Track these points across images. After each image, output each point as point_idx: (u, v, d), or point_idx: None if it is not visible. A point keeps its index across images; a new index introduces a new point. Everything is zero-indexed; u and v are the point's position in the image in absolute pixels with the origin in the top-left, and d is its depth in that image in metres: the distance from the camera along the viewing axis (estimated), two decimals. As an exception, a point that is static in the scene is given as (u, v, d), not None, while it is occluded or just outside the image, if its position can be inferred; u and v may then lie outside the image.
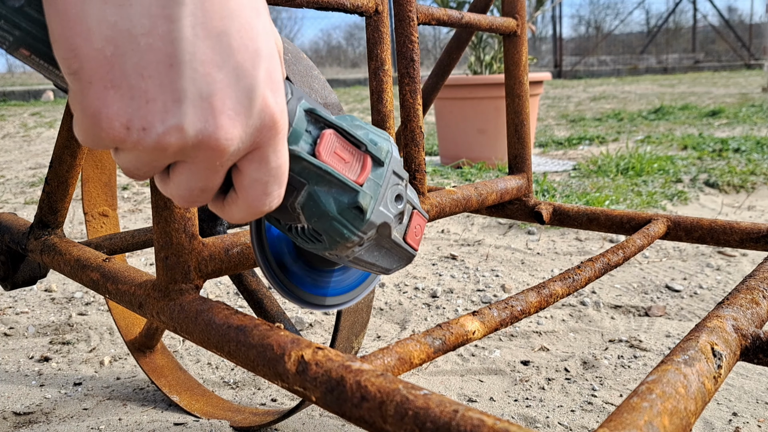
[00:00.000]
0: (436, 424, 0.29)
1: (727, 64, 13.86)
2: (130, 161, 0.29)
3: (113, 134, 0.26)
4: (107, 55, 0.25)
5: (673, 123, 4.40)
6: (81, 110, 0.26)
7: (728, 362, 0.38)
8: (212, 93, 0.27)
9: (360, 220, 0.36)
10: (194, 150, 0.28)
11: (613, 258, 0.59)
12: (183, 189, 0.31)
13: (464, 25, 0.70)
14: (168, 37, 0.25)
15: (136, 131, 0.26)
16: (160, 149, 0.27)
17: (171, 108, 0.26)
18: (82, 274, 0.56)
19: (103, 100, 0.26)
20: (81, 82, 0.25)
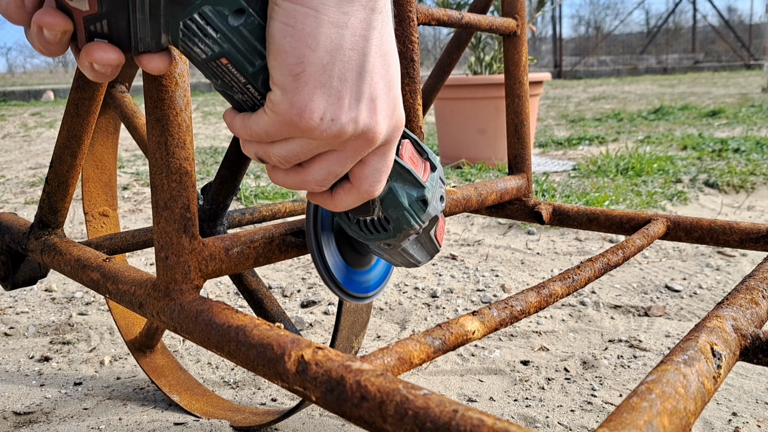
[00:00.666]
0: (435, 424, 0.29)
1: (726, 65, 13.85)
2: (293, 149, 0.36)
3: (310, 123, 0.34)
4: (324, 63, 0.33)
5: (672, 123, 4.40)
6: (290, 103, 0.34)
7: (728, 362, 0.38)
8: (377, 96, 0.35)
9: (423, 211, 0.44)
10: (355, 139, 0.36)
11: (613, 258, 0.59)
12: (323, 174, 0.38)
13: (464, 25, 0.70)
14: (362, 51, 0.34)
15: (327, 121, 0.34)
16: (337, 136, 0.35)
17: (353, 105, 0.35)
18: (82, 274, 0.56)
19: (311, 96, 0.33)
20: (298, 82, 0.33)
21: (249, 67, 0.35)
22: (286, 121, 0.34)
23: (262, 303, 0.79)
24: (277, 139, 0.36)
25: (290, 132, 0.35)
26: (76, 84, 0.63)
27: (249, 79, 0.35)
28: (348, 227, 0.47)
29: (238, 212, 0.95)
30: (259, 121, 0.36)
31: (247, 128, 0.37)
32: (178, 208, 0.46)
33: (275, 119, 0.35)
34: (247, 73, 0.35)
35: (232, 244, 0.49)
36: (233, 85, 0.36)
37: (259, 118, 0.36)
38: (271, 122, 0.35)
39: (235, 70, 0.35)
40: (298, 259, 1.68)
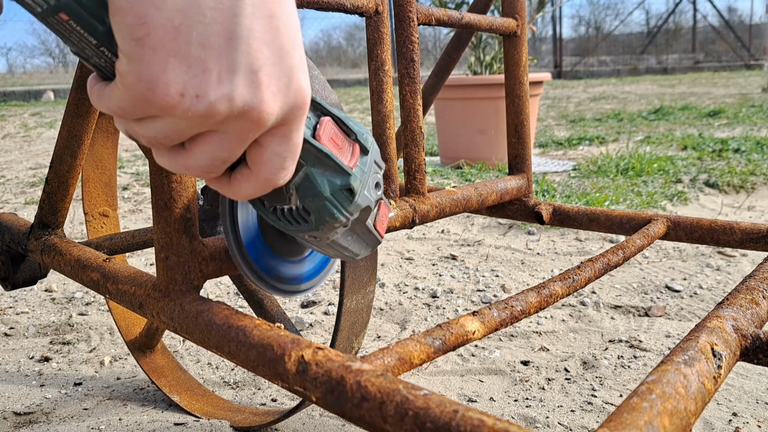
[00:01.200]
0: (436, 424, 0.29)
1: (726, 65, 13.85)
2: (161, 129, 0.30)
3: (167, 100, 0.28)
4: (175, 25, 0.27)
5: (673, 123, 4.40)
6: (136, 75, 0.28)
7: (728, 362, 0.38)
8: (260, 68, 0.29)
9: (349, 201, 0.39)
10: (235, 120, 0.30)
11: (613, 258, 0.59)
12: (205, 159, 0.32)
13: (464, 25, 0.70)
14: (231, 12, 0.27)
15: (190, 98, 0.28)
16: (207, 116, 0.29)
17: (224, 78, 0.28)
18: (82, 274, 0.56)
19: (164, 66, 0.27)
20: (143, 48, 0.27)
21: (99, 25, 0.29)
22: (137, 96, 0.28)
23: (262, 303, 0.79)
24: (135, 116, 0.30)
25: (147, 109, 0.29)
26: (76, 84, 0.63)
27: (101, 40, 0.29)
28: (265, 215, 0.41)
29: (238, 212, 0.95)
30: (111, 94, 0.30)
31: (102, 101, 0.31)
32: (179, 208, 0.46)
33: (126, 94, 0.29)
34: (97, 33, 0.29)
35: (232, 245, 0.49)
36: (85, 48, 0.30)
37: (112, 91, 0.30)
38: (123, 97, 0.29)
39: (81, 29, 0.29)
40: (299, 259, 1.68)
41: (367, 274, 0.77)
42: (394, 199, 0.64)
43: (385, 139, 0.64)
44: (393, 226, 0.61)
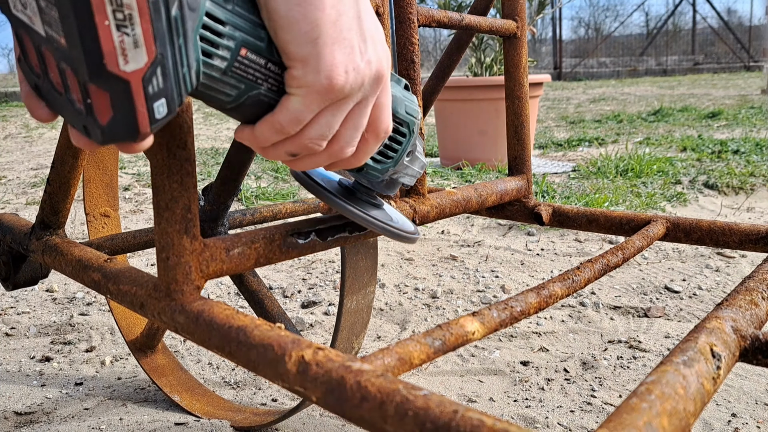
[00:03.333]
0: (436, 425, 0.29)
1: (726, 66, 13.86)
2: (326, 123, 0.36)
3: (339, 81, 0.34)
4: (333, 20, 0.33)
5: (672, 125, 4.40)
6: (315, 70, 0.34)
7: (727, 363, 0.38)
8: (373, 34, 0.36)
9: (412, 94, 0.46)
10: (371, 82, 0.36)
11: (613, 259, 0.59)
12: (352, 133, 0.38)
13: (464, 27, 0.70)
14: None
15: (351, 72, 0.34)
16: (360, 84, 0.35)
17: (362, 49, 0.35)
18: (83, 274, 0.56)
19: (333, 55, 0.34)
20: (318, 46, 0.33)
21: (260, 42, 0.34)
22: (317, 90, 0.34)
23: (262, 303, 0.80)
24: (308, 120, 0.36)
25: (322, 101, 0.35)
26: (77, 85, 0.63)
27: (266, 56, 0.34)
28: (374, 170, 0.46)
29: (239, 213, 0.95)
30: (287, 108, 0.35)
31: (276, 125, 0.36)
32: (179, 208, 0.46)
33: (306, 93, 0.34)
34: (263, 50, 0.34)
35: (233, 245, 0.50)
36: (257, 77, 0.34)
37: (288, 105, 0.35)
38: (302, 100, 0.35)
39: (254, 55, 0.34)
40: (299, 259, 1.68)
41: (367, 274, 0.77)
42: (394, 199, 0.64)
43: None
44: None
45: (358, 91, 0.36)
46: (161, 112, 0.30)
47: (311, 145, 0.37)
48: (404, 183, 0.51)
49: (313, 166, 0.39)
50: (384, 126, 0.40)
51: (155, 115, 0.30)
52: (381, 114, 0.39)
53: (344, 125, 0.38)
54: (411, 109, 0.45)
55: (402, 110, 0.45)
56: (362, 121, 0.38)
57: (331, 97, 0.35)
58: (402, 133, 0.46)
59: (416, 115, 0.46)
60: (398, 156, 0.46)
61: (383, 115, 0.40)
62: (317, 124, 0.36)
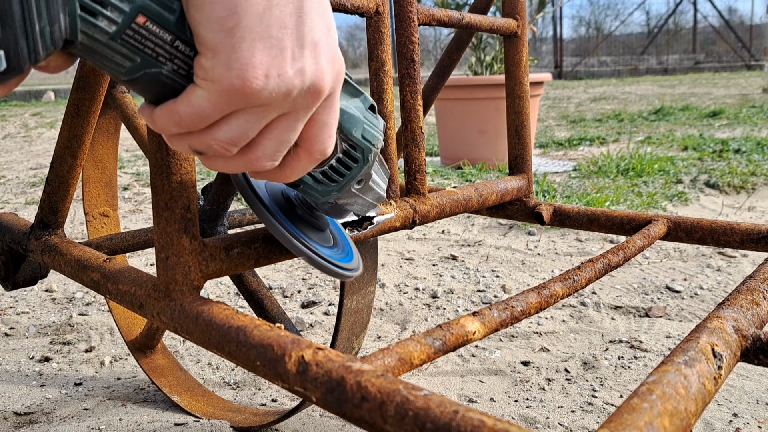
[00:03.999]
0: (436, 425, 0.29)
1: (727, 65, 13.85)
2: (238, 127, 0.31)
3: (255, 85, 0.29)
4: (260, 11, 0.28)
5: (673, 124, 4.40)
6: (226, 65, 0.29)
7: (728, 363, 0.38)
8: (318, 41, 0.31)
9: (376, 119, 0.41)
10: (303, 95, 0.31)
11: (614, 259, 0.59)
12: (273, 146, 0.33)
13: (465, 25, 0.70)
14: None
15: (273, 79, 0.29)
16: (286, 95, 0.30)
17: (297, 54, 0.30)
18: (82, 274, 0.56)
19: (252, 52, 0.28)
20: (233, 37, 0.28)
21: (169, 15, 0.28)
22: (226, 88, 0.29)
23: (262, 303, 0.79)
24: (215, 119, 0.31)
25: (232, 102, 0.30)
26: (76, 84, 0.63)
27: (174, 31, 0.29)
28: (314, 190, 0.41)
29: (239, 213, 0.95)
30: (190, 100, 0.30)
31: (175, 115, 0.31)
32: (179, 208, 0.46)
33: (212, 90, 0.29)
34: (170, 24, 0.29)
35: (232, 245, 0.49)
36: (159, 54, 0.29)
37: (191, 97, 0.30)
38: (208, 96, 0.30)
39: (156, 26, 0.28)
40: (299, 259, 1.68)
41: (367, 274, 0.77)
42: (394, 199, 0.64)
43: (385, 139, 0.64)
44: (393, 226, 0.61)
45: (283, 101, 0.31)
46: None
47: (217, 147, 0.32)
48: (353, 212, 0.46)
49: (226, 169, 0.34)
50: (320, 147, 0.35)
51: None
52: (319, 132, 0.34)
53: (265, 134, 0.32)
54: (369, 134, 0.40)
55: (357, 133, 0.39)
56: (288, 135, 0.33)
57: (243, 100, 0.30)
58: (353, 157, 0.40)
59: (374, 141, 0.41)
60: (344, 181, 0.41)
61: (321, 135, 0.34)
62: (228, 126, 0.31)
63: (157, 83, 0.30)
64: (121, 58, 0.29)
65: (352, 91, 0.39)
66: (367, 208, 0.46)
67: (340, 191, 0.42)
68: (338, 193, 0.42)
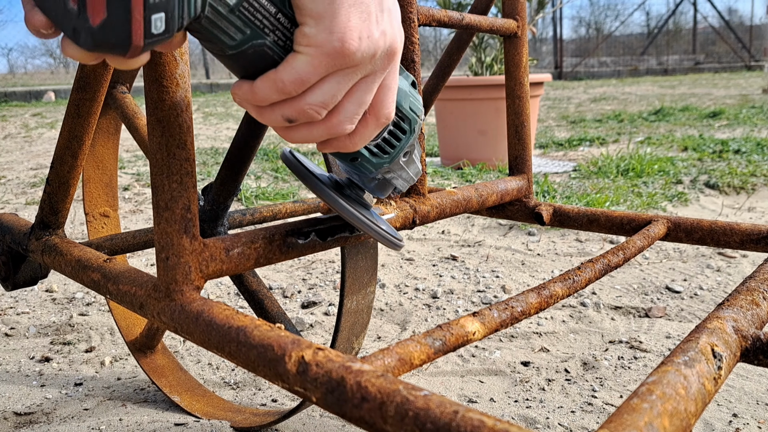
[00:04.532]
0: (436, 425, 0.29)
1: (727, 66, 13.85)
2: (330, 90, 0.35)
3: (351, 46, 0.33)
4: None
5: (673, 124, 4.40)
6: (329, 30, 0.32)
7: (728, 363, 0.38)
8: (391, 7, 0.35)
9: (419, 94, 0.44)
10: (383, 57, 0.35)
11: (614, 259, 0.59)
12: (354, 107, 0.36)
13: (465, 26, 0.70)
14: None
15: (365, 40, 0.33)
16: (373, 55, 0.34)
17: (379, 18, 0.34)
18: (83, 274, 0.56)
19: (348, 17, 0.32)
20: (334, 5, 0.32)
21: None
22: (327, 51, 0.33)
23: (262, 304, 0.79)
24: (311, 83, 0.34)
25: (331, 65, 0.33)
26: (77, 85, 0.63)
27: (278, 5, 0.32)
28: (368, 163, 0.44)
29: (239, 213, 0.95)
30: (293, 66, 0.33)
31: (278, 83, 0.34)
32: (179, 208, 0.46)
33: (315, 54, 0.33)
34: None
35: (232, 245, 0.49)
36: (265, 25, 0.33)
37: (294, 63, 0.33)
38: (310, 60, 0.33)
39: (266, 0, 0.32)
40: (299, 259, 1.68)
41: (367, 274, 0.77)
42: (394, 199, 0.64)
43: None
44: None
45: (369, 62, 0.34)
46: (158, 27, 0.28)
47: (310, 112, 0.35)
48: (396, 186, 0.49)
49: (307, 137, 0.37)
50: (386, 110, 0.38)
51: (151, 29, 0.27)
52: (385, 97, 0.38)
53: (348, 97, 0.36)
54: (415, 107, 0.44)
55: (406, 105, 0.43)
56: (367, 97, 0.36)
57: (340, 62, 0.33)
58: (403, 129, 0.44)
59: (420, 114, 0.44)
60: (395, 152, 0.44)
61: (387, 99, 0.38)
62: (321, 90, 0.34)
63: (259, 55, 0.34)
64: (234, 30, 0.32)
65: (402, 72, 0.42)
66: (408, 182, 0.49)
67: (391, 162, 0.45)
68: (389, 165, 0.45)
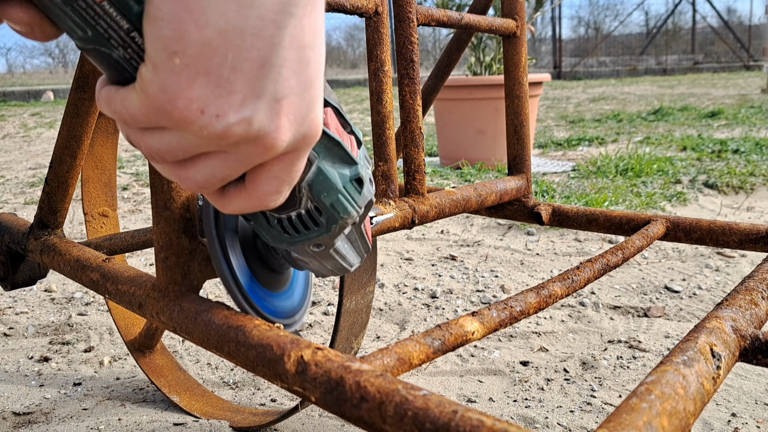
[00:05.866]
0: (435, 425, 0.29)
1: (726, 66, 13.86)
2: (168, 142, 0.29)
3: (185, 115, 0.27)
4: (213, 46, 0.26)
5: (672, 124, 4.40)
6: (160, 86, 0.27)
7: (727, 363, 0.38)
8: (284, 97, 0.29)
9: (358, 193, 0.38)
10: (247, 144, 0.29)
11: (613, 259, 0.59)
12: (204, 175, 0.31)
13: (464, 26, 0.70)
14: (269, 41, 0.27)
15: (209, 116, 0.27)
16: (221, 137, 0.28)
17: (248, 102, 0.28)
18: (82, 274, 0.56)
19: (191, 83, 0.27)
20: (174, 62, 0.26)
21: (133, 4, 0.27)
22: (156, 106, 0.28)
23: (261, 303, 0.79)
24: (148, 126, 0.29)
25: (161, 120, 0.28)
26: (76, 84, 0.63)
27: (134, 23, 0.27)
28: (266, 232, 0.39)
29: (238, 213, 0.94)
30: (126, 99, 0.29)
31: (113, 105, 0.30)
32: (178, 208, 0.46)
33: (144, 101, 0.28)
34: (131, 15, 0.27)
35: (231, 245, 0.49)
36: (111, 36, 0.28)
37: (128, 96, 0.29)
38: (140, 104, 0.28)
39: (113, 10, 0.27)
40: (298, 259, 1.68)
41: (366, 274, 0.77)
42: (393, 199, 0.64)
43: (384, 139, 0.64)
44: (392, 226, 0.61)
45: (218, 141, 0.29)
46: None
47: (145, 151, 0.31)
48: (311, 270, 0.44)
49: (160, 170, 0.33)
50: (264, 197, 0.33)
51: None
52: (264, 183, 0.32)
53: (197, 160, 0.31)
54: (341, 206, 0.37)
55: (327, 200, 0.37)
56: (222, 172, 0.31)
57: (171, 123, 0.28)
58: (315, 220, 0.38)
59: (344, 213, 0.37)
60: (298, 238, 0.39)
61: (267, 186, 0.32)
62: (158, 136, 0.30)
63: (107, 63, 0.29)
64: (73, 24, 0.28)
65: (344, 157, 0.37)
66: (326, 272, 0.43)
67: (292, 246, 0.39)
68: (289, 246, 0.40)
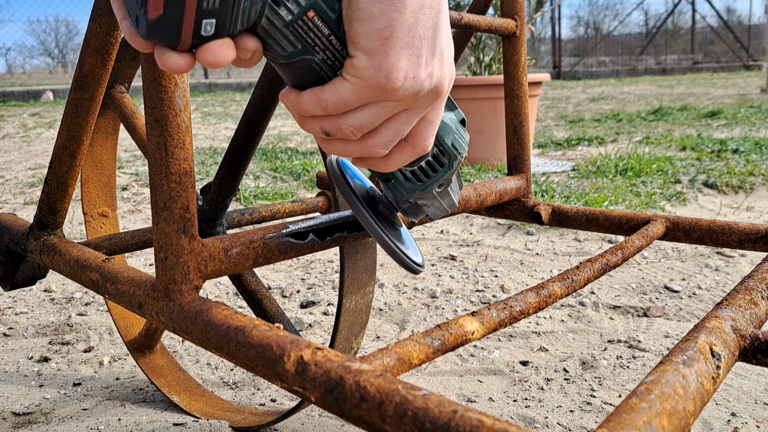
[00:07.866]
0: (435, 425, 0.29)
1: (725, 65, 13.86)
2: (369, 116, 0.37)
3: (395, 84, 0.35)
4: (409, 24, 0.34)
5: (671, 124, 4.40)
6: (376, 67, 0.34)
7: (727, 363, 0.38)
8: (444, 50, 0.37)
9: (465, 132, 0.46)
10: (427, 95, 0.37)
11: (612, 258, 0.59)
12: (390, 136, 0.38)
13: (463, 26, 0.70)
14: (437, 9, 0.35)
15: (409, 80, 0.35)
16: (416, 94, 0.36)
17: (429, 61, 0.36)
18: (81, 274, 0.56)
19: (398, 57, 0.34)
20: (386, 45, 0.34)
21: (331, 13, 0.34)
22: (372, 85, 0.35)
23: (261, 303, 0.79)
24: (353, 108, 0.36)
25: (373, 96, 0.35)
26: (75, 84, 0.63)
27: (332, 28, 0.35)
28: (401, 187, 0.46)
29: (238, 213, 0.95)
30: (337, 90, 0.36)
31: (321, 101, 0.36)
32: (178, 208, 0.46)
33: (360, 85, 0.35)
34: (330, 21, 0.35)
35: (231, 245, 0.49)
36: (316, 44, 0.35)
37: (338, 87, 0.36)
38: (354, 89, 0.35)
39: (320, 21, 0.34)
40: (298, 259, 1.68)
41: (366, 274, 0.77)
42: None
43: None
44: None
45: (411, 99, 0.36)
46: (207, 30, 0.31)
47: (347, 131, 0.37)
48: (428, 214, 0.50)
49: (342, 152, 0.40)
50: (423, 142, 0.40)
51: (200, 30, 0.31)
52: (425, 130, 0.40)
53: (385, 125, 0.38)
54: (458, 144, 0.45)
55: (449, 141, 0.44)
56: (404, 128, 0.38)
57: (382, 95, 0.35)
58: (441, 162, 0.45)
59: (462, 151, 0.45)
60: (429, 182, 0.46)
61: (426, 132, 0.40)
62: (360, 114, 0.37)
63: (307, 69, 0.36)
64: (287, 43, 0.35)
65: (449, 104, 0.44)
66: (440, 212, 0.50)
67: (424, 191, 0.46)
68: (421, 192, 0.47)
